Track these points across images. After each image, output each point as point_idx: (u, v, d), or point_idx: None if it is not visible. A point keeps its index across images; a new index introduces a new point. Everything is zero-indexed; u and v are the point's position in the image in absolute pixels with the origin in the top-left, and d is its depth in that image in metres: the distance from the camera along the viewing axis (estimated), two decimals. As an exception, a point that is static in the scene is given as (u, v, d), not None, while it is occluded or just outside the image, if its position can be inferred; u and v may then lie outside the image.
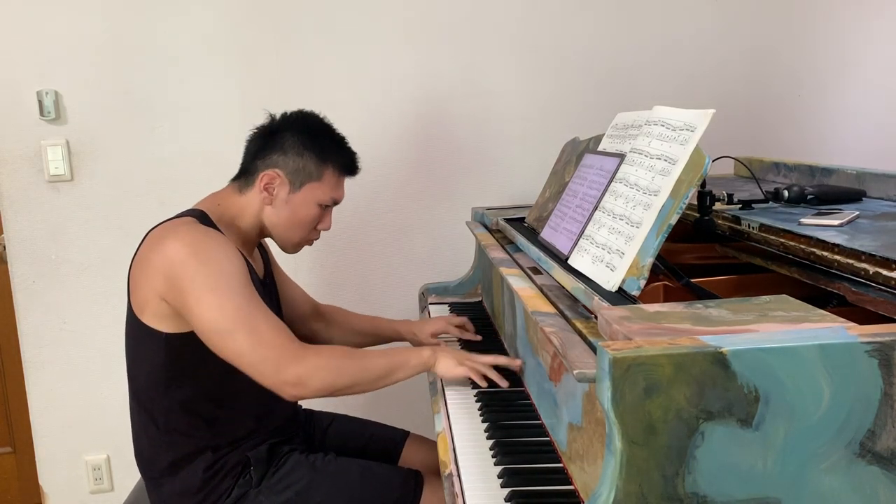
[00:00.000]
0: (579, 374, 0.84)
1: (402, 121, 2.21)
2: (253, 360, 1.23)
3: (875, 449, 0.71)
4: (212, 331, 1.25)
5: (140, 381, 1.36)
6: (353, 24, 2.16)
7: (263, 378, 1.24)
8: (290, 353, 1.24)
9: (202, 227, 1.33)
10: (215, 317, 1.24)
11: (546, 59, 2.25)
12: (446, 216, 2.26)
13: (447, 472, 1.10)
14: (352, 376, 1.28)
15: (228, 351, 1.25)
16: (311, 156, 1.42)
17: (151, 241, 1.33)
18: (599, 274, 1.07)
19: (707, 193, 1.34)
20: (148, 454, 1.38)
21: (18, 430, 2.33)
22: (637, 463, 0.70)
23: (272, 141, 1.43)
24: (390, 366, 1.31)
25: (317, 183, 1.43)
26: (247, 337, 1.23)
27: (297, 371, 1.23)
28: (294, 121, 1.46)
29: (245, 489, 1.35)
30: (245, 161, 1.47)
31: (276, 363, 1.23)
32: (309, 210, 1.44)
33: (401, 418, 1.79)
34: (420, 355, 1.34)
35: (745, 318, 0.80)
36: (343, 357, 1.29)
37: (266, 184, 1.41)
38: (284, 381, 1.23)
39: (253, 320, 1.24)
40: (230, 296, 1.24)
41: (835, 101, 2.38)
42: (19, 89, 2.06)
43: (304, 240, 1.49)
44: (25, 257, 2.14)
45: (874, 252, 0.95)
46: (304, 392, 1.25)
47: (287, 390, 1.24)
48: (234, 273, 1.27)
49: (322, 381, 1.25)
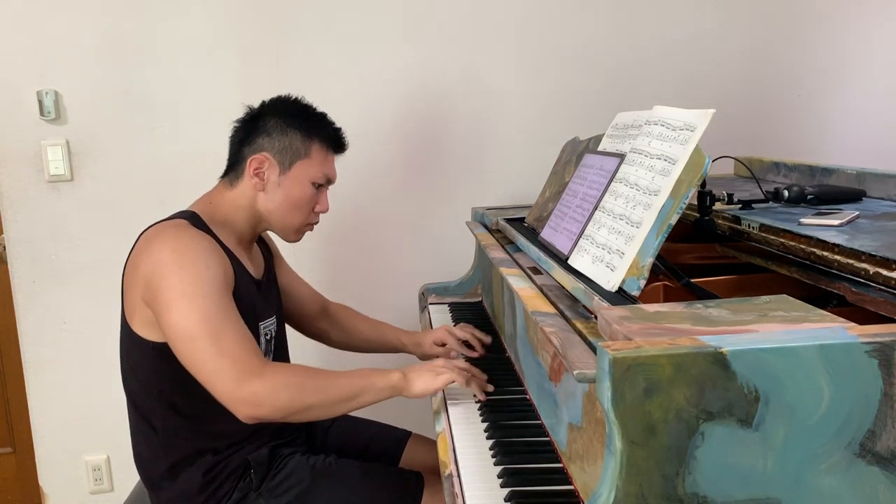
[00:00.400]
0: (579, 374, 0.84)
1: (402, 120, 2.21)
2: (210, 371, 1.19)
3: (875, 449, 0.71)
4: (176, 336, 1.22)
5: (135, 387, 1.36)
6: (353, 24, 2.16)
7: (219, 391, 1.19)
8: (250, 368, 1.19)
9: (190, 231, 1.31)
10: (180, 322, 1.20)
11: (546, 58, 2.25)
12: (446, 216, 2.26)
13: (447, 473, 1.10)
14: (311, 397, 1.21)
15: (188, 359, 1.21)
16: (295, 133, 1.40)
17: (140, 245, 1.32)
18: (599, 274, 1.07)
19: (707, 193, 1.34)
20: (147, 458, 1.38)
21: (18, 430, 2.33)
22: (637, 463, 0.69)
23: (254, 127, 1.42)
24: (354, 388, 1.25)
25: (306, 160, 1.41)
26: (208, 345, 1.19)
27: (253, 388, 1.17)
28: (273, 104, 1.45)
29: (245, 492, 1.34)
30: (231, 154, 1.45)
31: (233, 377, 1.18)
32: (303, 189, 1.41)
33: (402, 418, 1.79)
34: (388, 378, 1.27)
35: (745, 318, 0.80)
36: (304, 377, 1.23)
37: (255, 169, 1.39)
38: (240, 397, 1.18)
39: (218, 329, 1.20)
40: (200, 302, 1.21)
41: (835, 101, 2.38)
42: (19, 89, 2.06)
43: (303, 224, 1.45)
44: (25, 257, 2.14)
45: (874, 252, 0.94)
46: (259, 412, 1.19)
47: (242, 409, 1.19)
48: (210, 280, 1.23)
49: (279, 401, 1.19)
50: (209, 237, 1.32)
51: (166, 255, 1.25)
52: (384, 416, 1.81)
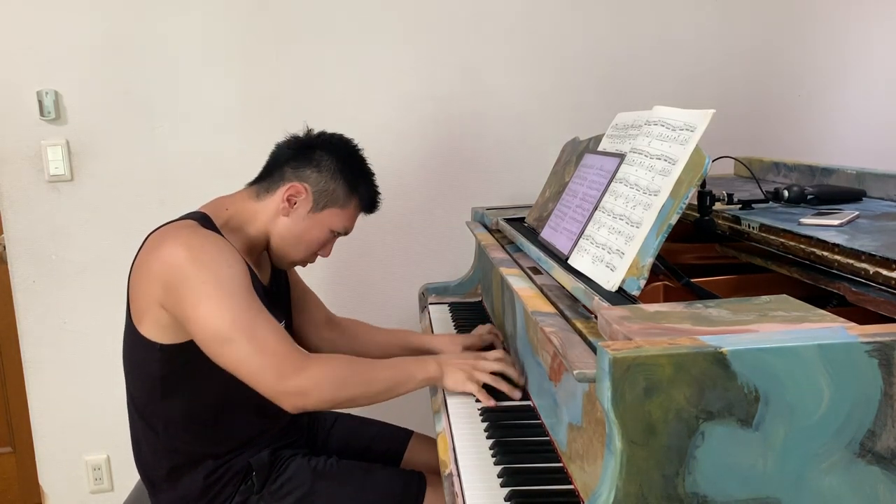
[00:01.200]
0: (579, 374, 0.84)
1: (402, 120, 2.21)
2: (253, 369, 1.20)
3: (875, 449, 0.71)
4: (210, 339, 1.21)
5: (137, 390, 1.35)
6: (353, 24, 2.16)
7: (264, 387, 1.21)
8: (292, 362, 1.21)
9: (202, 231, 1.30)
10: (213, 324, 1.20)
11: (546, 58, 2.25)
12: (446, 216, 2.26)
13: (447, 472, 1.10)
14: (355, 388, 1.25)
15: (227, 359, 1.21)
16: (343, 182, 1.41)
17: (150, 246, 1.30)
18: (599, 274, 1.07)
19: (707, 193, 1.34)
20: (147, 461, 1.37)
21: (18, 430, 2.33)
22: (637, 463, 0.70)
23: (308, 155, 1.41)
24: (395, 378, 1.28)
25: (339, 210, 1.42)
26: (246, 344, 1.19)
27: (298, 381, 1.20)
28: (334, 143, 1.45)
29: (246, 495, 1.34)
30: (271, 166, 1.44)
31: (277, 372, 1.19)
32: (321, 233, 1.43)
33: (403, 418, 1.79)
34: (426, 368, 1.31)
35: (745, 318, 0.80)
36: (347, 368, 1.26)
37: (290, 195, 1.38)
38: (286, 390, 1.20)
39: (253, 327, 1.21)
40: (229, 302, 1.21)
41: (835, 100, 2.39)
42: (19, 89, 2.06)
43: (302, 260, 1.47)
44: (25, 257, 2.14)
45: (874, 252, 0.95)
46: (305, 403, 1.21)
47: (288, 400, 1.21)
48: (233, 278, 1.23)
49: (325, 393, 1.21)
50: (222, 238, 1.31)
51: (183, 256, 1.23)
52: (386, 415, 1.81)
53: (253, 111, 2.16)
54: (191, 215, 1.37)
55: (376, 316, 2.27)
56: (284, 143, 1.46)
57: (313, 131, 1.47)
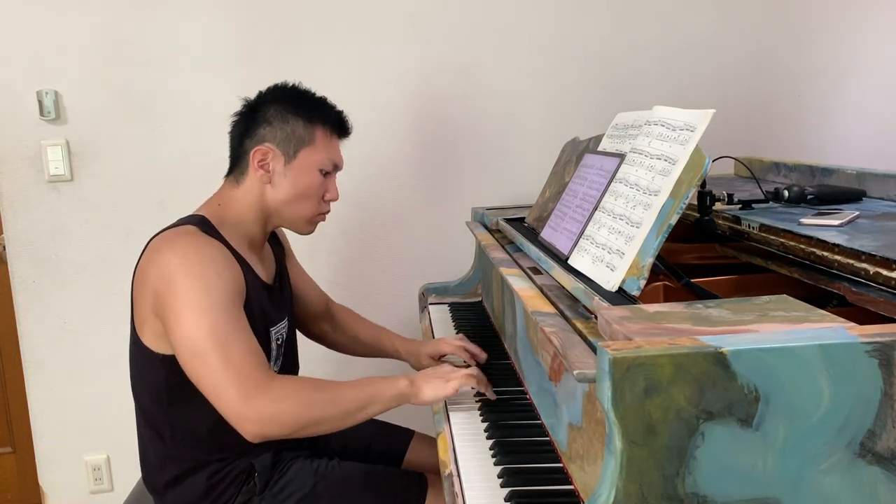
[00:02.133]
0: (579, 374, 0.84)
1: (402, 120, 2.21)
2: (216, 386, 1.15)
3: (875, 449, 0.71)
4: (183, 349, 1.18)
5: (144, 397, 1.34)
6: (353, 24, 2.16)
7: (225, 406, 1.15)
8: (255, 384, 1.15)
9: (201, 238, 1.27)
10: (189, 334, 1.17)
11: (546, 58, 2.25)
12: (446, 216, 2.26)
13: (447, 472, 1.10)
14: (320, 410, 1.19)
15: (195, 372, 1.18)
16: (297, 120, 1.36)
17: (149, 254, 1.29)
18: (599, 274, 1.07)
19: (707, 193, 1.34)
20: (153, 465, 1.36)
21: (18, 430, 2.33)
22: (637, 463, 0.70)
23: (254, 118, 1.38)
24: (362, 399, 1.22)
25: (311, 147, 1.37)
26: (215, 359, 1.15)
27: (258, 405, 1.14)
28: (271, 92, 1.41)
29: (248, 497, 1.33)
30: (232, 149, 1.41)
31: (239, 392, 1.14)
32: (311, 178, 1.37)
33: (404, 418, 1.79)
34: (395, 386, 1.25)
35: (745, 318, 0.80)
36: (311, 390, 1.20)
37: (260, 161, 1.35)
38: (245, 415, 1.14)
39: (226, 341, 1.16)
40: (209, 313, 1.17)
41: (835, 101, 2.39)
42: (19, 89, 2.06)
43: (314, 213, 1.41)
44: (25, 257, 2.14)
45: (874, 252, 0.95)
46: (265, 430, 1.15)
47: (247, 427, 1.15)
48: (221, 289, 1.20)
49: (286, 417, 1.15)
50: (219, 244, 1.29)
51: (175, 264, 1.21)
52: (387, 415, 1.80)
53: (253, 111, 2.15)
54: (190, 219, 1.34)
55: (376, 316, 2.26)
56: (232, 124, 1.43)
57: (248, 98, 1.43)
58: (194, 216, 1.36)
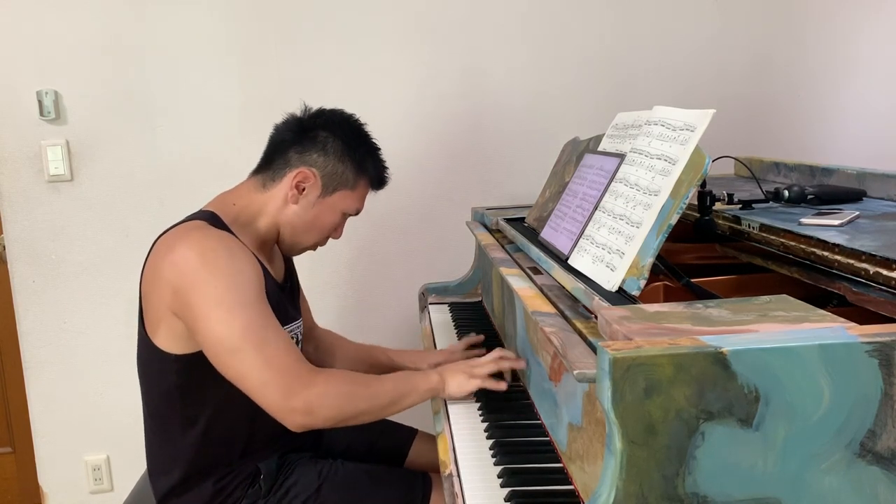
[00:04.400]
0: (579, 374, 0.84)
1: (402, 120, 2.21)
2: (259, 383, 1.16)
3: (875, 449, 0.71)
4: (217, 348, 1.17)
5: (153, 400, 1.32)
6: (353, 24, 2.16)
7: (269, 403, 1.16)
8: (300, 378, 1.17)
9: (215, 232, 1.25)
10: (222, 333, 1.16)
11: (546, 58, 2.25)
12: (446, 216, 2.26)
13: (447, 472, 1.10)
14: (362, 403, 1.21)
15: (234, 370, 1.17)
16: (351, 163, 1.36)
17: (160, 251, 1.25)
18: (599, 274, 1.07)
19: (707, 193, 1.34)
20: (161, 468, 1.35)
21: (18, 430, 2.33)
22: (637, 463, 0.69)
23: (311, 137, 1.36)
24: (399, 392, 1.26)
25: (350, 192, 1.38)
26: (254, 357, 1.15)
27: (305, 397, 1.16)
28: (335, 122, 1.39)
29: (254, 499, 1.32)
30: (272, 152, 1.38)
31: (284, 388, 1.15)
32: (333, 217, 1.39)
33: (404, 418, 1.79)
34: (429, 380, 1.29)
35: (745, 318, 0.80)
36: (353, 383, 1.22)
37: (299, 182, 1.34)
38: (292, 407, 1.16)
39: (264, 339, 1.16)
40: (239, 311, 1.16)
41: (835, 100, 2.39)
42: (19, 89, 2.06)
43: (314, 245, 1.44)
44: (25, 257, 2.14)
45: (874, 252, 0.94)
46: (312, 421, 1.18)
47: (294, 419, 1.17)
48: (246, 285, 1.19)
49: (331, 409, 1.18)
50: (233, 237, 1.27)
51: (194, 260, 1.19)
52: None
53: (253, 111, 2.16)
54: (198, 215, 1.32)
55: (376, 316, 2.27)
56: (284, 126, 1.39)
57: (311, 109, 1.41)
58: (203, 212, 1.33)
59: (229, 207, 1.34)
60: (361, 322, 2.25)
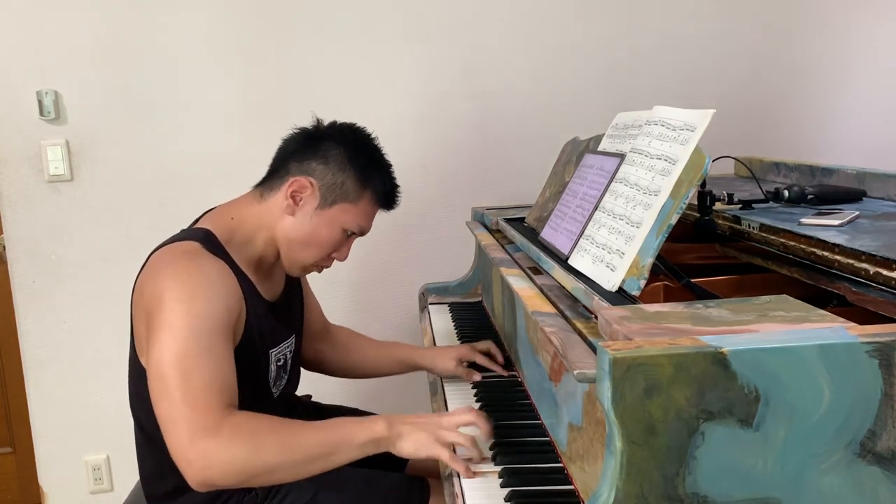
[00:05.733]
0: (579, 374, 0.84)
1: (402, 120, 2.21)
2: (168, 416, 1.07)
3: (875, 449, 0.71)
4: (151, 371, 1.11)
5: (142, 413, 1.29)
6: (353, 24, 2.16)
7: (172, 443, 1.07)
8: (205, 422, 1.05)
9: (201, 260, 1.19)
10: (158, 356, 1.09)
11: (546, 58, 2.25)
12: (446, 216, 2.26)
13: (447, 473, 1.10)
14: (273, 457, 1.05)
15: (155, 396, 1.10)
16: (353, 174, 1.28)
17: (148, 269, 1.22)
18: (599, 274, 1.07)
19: (707, 193, 1.34)
20: (152, 478, 1.33)
21: (18, 430, 2.33)
22: (637, 463, 0.69)
23: (314, 146, 1.29)
24: (328, 445, 1.09)
25: (350, 205, 1.29)
26: (174, 387, 1.07)
27: (204, 446, 1.04)
28: (342, 131, 1.33)
29: None
30: (275, 163, 1.32)
31: (188, 428, 1.05)
32: (332, 232, 1.30)
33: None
34: (371, 429, 1.11)
35: (745, 318, 0.80)
36: (266, 433, 1.07)
37: (294, 191, 1.27)
38: (189, 457, 1.04)
39: (191, 371, 1.07)
40: (183, 338, 1.09)
41: (835, 100, 2.38)
42: (19, 89, 2.06)
43: (314, 265, 1.35)
44: (25, 257, 2.14)
45: (874, 252, 0.94)
46: (209, 474, 1.04)
47: (190, 471, 1.05)
48: (205, 316, 1.12)
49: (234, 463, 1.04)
50: (222, 264, 1.21)
51: (166, 286, 1.14)
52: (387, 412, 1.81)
53: (253, 111, 2.16)
54: (195, 234, 1.26)
55: (376, 316, 2.27)
56: (290, 137, 1.34)
57: (323, 122, 1.35)
58: (199, 230, 1.27)
59: (227, 222, 1.29)
60: (362, 322, 2.25)
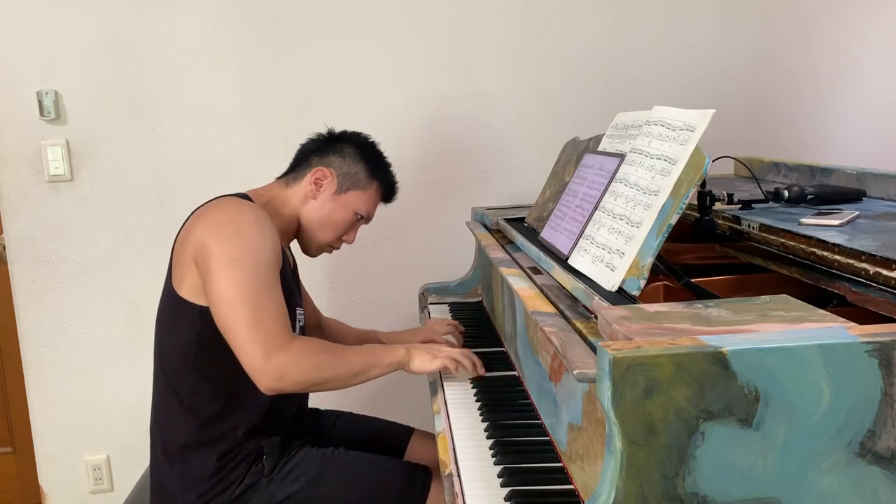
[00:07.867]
0: (579, 374, 0.84)
1: (402, 120, 2.21)
2: (245, 339, 1.25)
3: (875, 449, 0.71)
4: (219, 300, 1.27)
5: (168, 354, 1.39)
6: (354, 24, 2.16)
7: (249, 359, 1.25)
8: (279, 342, 1.25)
9: (249, 204, 1.40)
10: (226, 287, 1.26)
11: (546, 58, 2.25)
12: (446, 216, 2.26)
13: (447, 472, 1.10)
14: (330, 371, 1.30)
15: (226, 323, 1.27)
16: (364, 167, 1.54)
17: (199, 214, 1.39)
18: (599, 274, 1.07)
19: (707, 193, 1.34)
20: (167, 429, 1.40)
21: (18, 430, 2.33)
22: (637, 463, 0.70)
23: (332, 145, 1.55)
24: (365, 363, 1.34)
25: (361, 192, 1.54)
26: (247, 314, 1.25)
27: (279, 361, 1.24)
28: (354, 135, 1.59)
29: (256, 478, 1.37)
30: (297, 159, 1.56)
31: (264, 347, 1.24)
32: (346, 215, 1.53)
33: (404, 417, 1.79)
34: (395, 353, 1.37)
35: (745, 318, 0.80)
36: (323, 353, 1.31)
37: (317, 178, 1.50)
38: (265, 369, 1.24)
39: (260, 300, 1.26)
40: (249, 271, 1.27)
41: (835, 101, 2.38)
42: (19, 89, 2.06)
43: (328, 244, 1.56)
44: (25, 257, 2.14)
45: (874, 252, 0.95)
46: (282, 385, 1.25)
47: (265, 381, 1.25)
48: (262, 250, 1.30)
49: (301, 375, 1.26)
50: (265, 213, 1.39)
51: (224, 221, 1.33)
52: (386, 412, 1.81)
53: (253, 111, 2.16)
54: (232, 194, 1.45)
55: (376, 316, 2.27)
56: (310, 139, 1.58)
57: (335, 130, 1.59)
58: (237, 193, 1.46)
59: (259, 196, 1.48)
60: (362, 322, 2.23)
